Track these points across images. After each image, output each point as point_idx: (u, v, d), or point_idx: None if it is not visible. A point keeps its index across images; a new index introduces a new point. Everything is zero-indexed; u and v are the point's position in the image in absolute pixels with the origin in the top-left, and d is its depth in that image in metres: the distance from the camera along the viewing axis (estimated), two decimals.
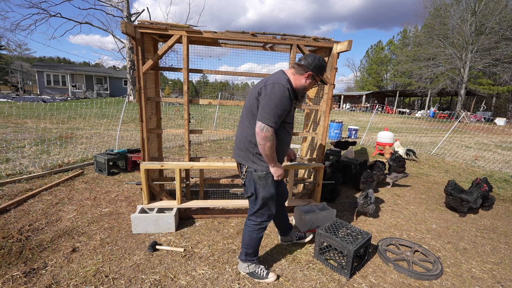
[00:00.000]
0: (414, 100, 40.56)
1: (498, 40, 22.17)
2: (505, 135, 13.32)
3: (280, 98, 1.63)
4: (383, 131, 7.03)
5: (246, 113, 1.81)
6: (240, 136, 1.87)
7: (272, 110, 1.62)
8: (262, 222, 1.98)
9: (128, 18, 19.44)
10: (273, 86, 1.64)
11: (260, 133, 1.63)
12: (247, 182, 1.88)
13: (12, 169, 4.08)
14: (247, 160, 1.83)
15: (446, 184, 3.62)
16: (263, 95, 1.65)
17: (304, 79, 1.79)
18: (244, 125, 1.83)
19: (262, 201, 1.88)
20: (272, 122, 1.62)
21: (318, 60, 1.76)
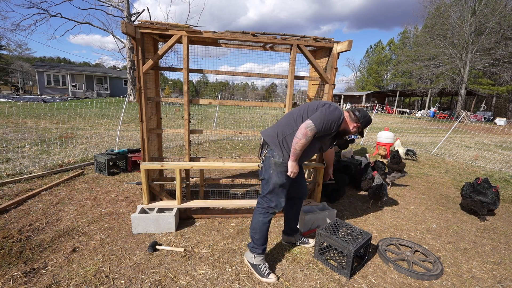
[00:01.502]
0: (414, 100, 40.55)
1: (498, 40, 22.17)
2: (505, 135, 13.31)
3: (334, 117, 1.87)
4: (383, 131, 7.02)
5: (298, 115, 2.00)
6: (283, 123, 2.02)
7: (324, 120, 1.83)
8: (268, 207, 2.06)
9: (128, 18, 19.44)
10: (336, 108, 1.91)
11: (304, 129, 1.81)
12: (264, 166, 2.05)
13: (12, 169, 4.08)
14: (274, 143, 1.98)
15: (463, 186, 3.58)
16: (324, 108, 1.90)
17: (351, 126, 2.06)
18: (291, 119, 2.00)
19: (272, 186, 2.00)
20: (318, 127, 1.81)
21: (368, 118, 2.06)
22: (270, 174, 1.99)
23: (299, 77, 2.91)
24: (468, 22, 23.41)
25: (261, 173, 2.08)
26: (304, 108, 2.02)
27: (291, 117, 2.02)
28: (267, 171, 2.01)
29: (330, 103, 1.96)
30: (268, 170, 2.00)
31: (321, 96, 3.03)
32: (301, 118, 1.96)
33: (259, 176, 2.12)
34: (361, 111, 2.05)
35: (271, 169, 1.98)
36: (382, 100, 38.49)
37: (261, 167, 2.08)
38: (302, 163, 2.20)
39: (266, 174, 2.02)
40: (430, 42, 26.26)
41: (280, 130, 2.00)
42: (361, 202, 3.72)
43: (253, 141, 7.88)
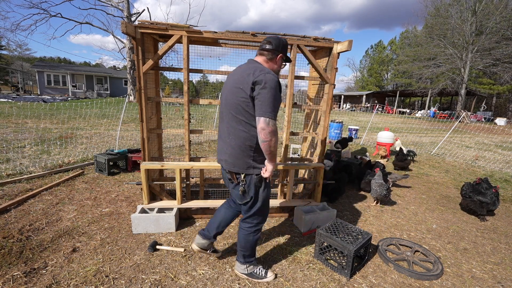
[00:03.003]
0: (414, 100, 40.54)
1: (498, 40, 22.17)
2: (506, 135, 13.31)
3: (275, 88, 1.58)
4: (383, 131, 7.02)
5: (235, 116, 1.67)
6: (234, 143, 1.71)
7: (272, 103, 1.55)
8: (258, 223, 1.95)
9: (128, 18, 19.44)
10: (265, 76, 1.55)
11: (266, 128, 1.54)
12: (247, 188, 1.78)
13: (13, 169, 4.08)
14: (246, 167, 1.72)
15: (462, 186, 3.58)
16: (259, 90, 1.55)
17: (277, 64, 1.80)
18: (236, 130, 1.68)
19: (262, 203, 1.85)
20: (274, 115, 1.57)
21: (282, 40, 1.77)
22: (258, 193, 1.81)
23: (299, 77, 2.91)
24: (468, 22, 23.41)
25: (244, 196, 1.81)
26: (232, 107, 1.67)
27: (236, 129, 1.69)
28: (251, 191, 1.79)
29: (255, 78, 1.56)
30: (253, 188, 1.78)
31: (321, 96, 3.03)
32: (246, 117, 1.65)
33: (241, 200, 1.84)
34: (271, 40, 1.73)
35: (257, 187, 1.79)
36: (382, 100, 38.49)
37: (243, 190, 1.77)
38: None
39: (252, 194, 1.80)
40: (430, 42, 26.26)
41: (240, 153, 1.70)
42: (361, 202, 3.72)
43: None
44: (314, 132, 3.15)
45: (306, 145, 3.57)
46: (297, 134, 3.13)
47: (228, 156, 1.76)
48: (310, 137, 3.44)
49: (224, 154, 1.80)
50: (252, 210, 1.87)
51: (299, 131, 3.37)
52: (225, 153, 1.78)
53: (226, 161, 1.78)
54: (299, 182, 3.36)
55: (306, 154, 3.53)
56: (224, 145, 1.80)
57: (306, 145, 3.57)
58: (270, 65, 1.77)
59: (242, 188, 1.76)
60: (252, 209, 1.86)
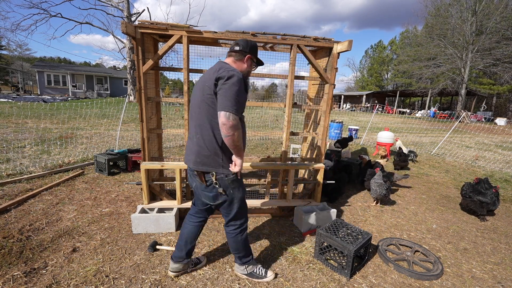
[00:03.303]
0: (414, 100, 40.54)
1: (498, 39, 22.16)
2: (506, 135, 13.30)
3: (238, 84, 1.56)
4: (383, 131, 7.02)
5: (203, 114, 1.66)
6: (203, 141, 1.68)
7: (233, 97, 1.53)
8: (242, 224, 1.92)
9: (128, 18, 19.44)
10: (228, 72, 1.56)
11: (227, 123, 1.50)
12: (217, 189, 1.74)
13: (13, 169, 4.08)
14: (216, 166, 1.69)
15: (462, 186, 3.58)
16: (221, 85, 1.55)
17: (245, 64, 1.80)
18: (204, 127, 1.67)
19: (239, 203, 1.83)
20: (235, 110, 1.52)
21: (250, 42, 1.80)
22: (232, 194, 1.77)
23: (299, 77, 2.91)
24: (468, 22, 23.41)
25: (216, 198, 1.78)
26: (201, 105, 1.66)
27: (205, 127, 1.67)
28: (224, 191, 1.75)
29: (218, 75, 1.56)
30: (227, 190, 1.75)
31: (321, 96, 3.03)
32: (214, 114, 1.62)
33: (213, 202, 1.80)
34: (239, 42, 1.77)
35: (231, 188, 1.75)
36: (382, 100, 38.48)
37: (217, 192, 1.75)
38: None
39: (226, 196, 1.77)
40: (431, 42, 26.27)
41: (209, 151, 1.68)
42: (361, 202, 3.72)
43: (253, 141, 7.88)
44: (314, 132, 3.15)
45: (306, 145, 3.57)
46: (297, 134, 3.13)
47: (195, 155, 1.72)
48: (310, 137, 3.44)
49: (191, 154, 1.75)
50: (232, 212, 1.85)
51: (299, 131, 3.37)
52: (193, 153, 1.74)
53: (194, 160, 1.72)
54: (299, 182, 3.36)
55: (306, 154, 3.53)
56: (192, 144, 1.76)
57: (306, 145, 3.57)
58: (238, 65, 1.78)
59: (220, 190, 1.73)
60: (231, 212, 1.84)
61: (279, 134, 3.04)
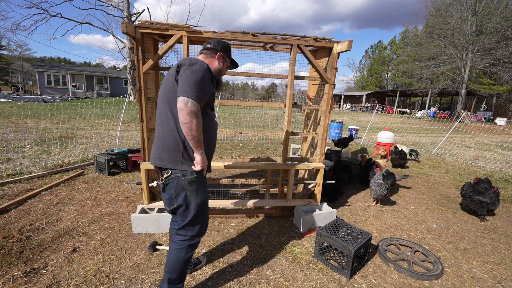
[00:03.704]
0: (414, 100, 40.54)
1: (498, 39, 22.17)
2: (506, 135, 13.30)
3: (202, 72, 1.45)
4: (383, 131, 7.03)
5: (166, 104, 1.54)
6: (163, 133, 1.55)
7: (194, 83, 1.40)
8: (193, 237, 1.67)
9: (128, 18, 19.44)
10: (191, 61, 1.47)
11: (184, 108, 1.37)
12: (172, 191, 1.56)
13: (13, 169, 4.08)
14: (174, 161, 1.53)
15: (463, 186, 3.58)
16: (182, 72, 1.44)
17: (217, 61, 1.73)
18: (166, 119, 1.54)
19: (195, 210, 1.61)
20: (195, 96, 1.38)
21: (223, 42, 1.76)
22: (188, 198, 1.57)
23: (299, 77, 2.91)
24: (468, 22, 23.42)
25: (171, 202, 1.59)
26: (165, 94, 1.56)
27: (166, 118, 1.55)
28: (180, 195, 1.57)
29: (188, 63, 1.47)
30: (182, 193, 1.56)
31: (321, 96, 3.03)
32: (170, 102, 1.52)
33: (168, 206, 1.63)
34: (210, 41, 1.74)
35: (188, 191, 1.56)
36: (382, 100, 38.48)
37: (172, 194, 1.57)
38: (213, 149, 1.78)
39: (181, 200, 1.57)
40: (431, 42, 26.28)
41: (168, 144, 1.53)
42: (361, 202, 3.72)
43: (253, 141, 7.88)
44: (314, 132, 3.15)
45: (306, 145, 3.57)
46: (297, 134, 3.13)
47: (155, 148, 1.59)
48: (310, 137, 3.44)
49: (153, 148, 1.62)
50: (186, 219, 1.62)
51: (299, 131, 3.37)
52: (154, 147, 1.61)
53: (153, 155, 1.59)
54: (299, 182, 3.36)
55: (306, 154, 3.53)
56: (156, 138, 1.62)
57: (306, 145, 3.57)
58: (209, 61, 1.70)
59: (162, 185, 1.57)
60: (186, 218, 1.62)
61: (279, 134, 3.04)
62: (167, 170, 1.55)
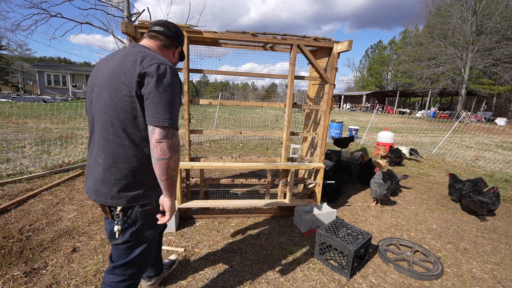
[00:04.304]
0: (415, 100, 40.55)
1: (499, 40, 22.18)
2: (506, 135, 13.30)
3: (174, 84, 1.13)
4: (383, 131, 7.03)
5: (113, 124, 1.13)
6: (111, 164, 1.16)
7: (171, 104, 1.10)
8: (133, 275, 1.36)
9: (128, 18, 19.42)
10: (158, 69, 1.09)
11: (165, 141, 1.07)
12: (126, 224, 1.24)
13: (13, 169, 4.08)
14: (130, 198, 1.20)
15: (463, 186, 3.58)
16: (151, 87, 1.07)
17: (173, 56, 1.40)
18: (116, 144, 1.15)
19: (145, 245, 1.34)
20: (174, 122, 1.11)
21: (181, 30, 1.40)
22: (141, 231, 1.28)
23: (299, 77, 2.91)
24: (469, 22, 23.43)
25: (119, 236, 1.24)
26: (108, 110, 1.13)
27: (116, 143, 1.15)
28: (132, 228, 1.25)
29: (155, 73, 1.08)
30: (137, 226, 1.26)
31: (321, 96, 3.03)
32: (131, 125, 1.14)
33: (111, 239, 1.28)
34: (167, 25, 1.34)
35: (143, 223, 1.27)
36: (383, 100, 38.48)
37: (119, 229, 1.22)
38: None
39: (131, 234, 1.25)
40: (431, 42, 26.29)
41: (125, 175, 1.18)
42: (361, 202, 3.72)
43: (253, 141, 7.88)
44: (314, 132, 3.15)
45: (306, 145, 3.57)
46: (297, 134, 3.13)
47: (101, 183, 1.18)
48: (310, 137, 3.44)
49: (94, 180, 1.21)
50: (129, 256, 1.31)
51: (299, 131, 3.37)
52: (97, 179, 1.19)
53: (98, 190, 1.20)
54: (299, 182, 3.36)
55: (306, 154, 3.53)
56: (95, 167, 1.20)
57: (306, 145, 3.57)
58: (164, 55, 1.34)
59: (119, 227, 1.21)
60: (129, 255, 1.31)
61: (279, 134, 3.04)
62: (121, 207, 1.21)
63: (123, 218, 1.22)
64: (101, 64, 1.22)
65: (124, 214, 1.22)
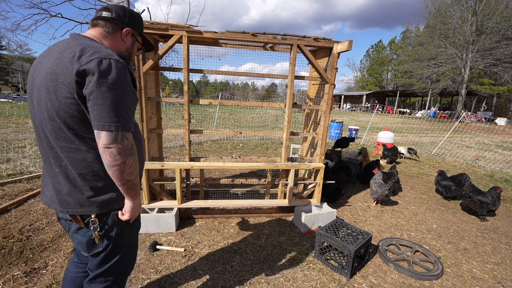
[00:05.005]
0: (415, 100, 40.55)
1: (499, 39, 22.17)
2: (506, 135, 13.29)
3: (122, 81, 0.99)
4: (383, 131, 7.03)
5: (61, 129, 1.01)
6: (70, 172, 1.07)
7: (119, 104, 0.97)
8: (117, 279, 1.28)
9: None
10: (100, 64, 0.94)
11: (113, 147, 0.96)
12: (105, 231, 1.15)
13: (13, 169, 4.09)
14: (99, 204, 1.10)
15: (463, 186, 3.58)
16: (92, 86, 0.93)
17: (123, 40, 1.21)
18: (70, 150, 1.04)
19: (125, 251, 1.25)
20: (125, 124, 0.99)
21: (130, 10, 1.21)
22: (119, 237, 1.19)
23: (299, 77, 2.91)
24: (469, 22, 23.41)
25: (92, 245, 1.15)
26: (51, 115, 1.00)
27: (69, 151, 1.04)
28: (110, 234, 1.16)
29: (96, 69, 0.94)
30: (111, 231, 1.16)
31: (321, 96, 3.03)
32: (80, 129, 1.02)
33: (87, 250, 1.16)
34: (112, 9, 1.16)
35: (121, 228, 1.19)
36: (383, 100, 38.48)
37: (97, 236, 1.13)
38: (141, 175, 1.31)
39: (110, 241, 1.17)
40: (431, 42, 26.28)
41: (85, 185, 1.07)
42: (361, 202, 3.72)
43: (253, 141, 7.88)
44: (314, 132, 3.15)
45: (306, 145, 3.57)
46: (297, 134, 3.13)
47: (66, 192, 1.08)
48: (310, 137, 3.44)
49: (55, 190, 1.11)
50: (107, 264, 1.21)
51: (299, 131, 3.37)
52: (59, 189, 1.10)
53: (64, 201, 1.09)
54: (299, 182, 3.36)
55: (306, 154, 3.53)
56: (54, 176, 1.10)
57: (306, 145, 3.57)
58: (111, 42, 1.17)
59: (97, 233, 1.12)
60: (107, 263, 1.21)
61: (279, 134, 3.04)
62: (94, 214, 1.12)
63: (99, 224, 1.12)
64: (38, 62, 1.06)
65: (100, 220, 1.12)
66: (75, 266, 1.41)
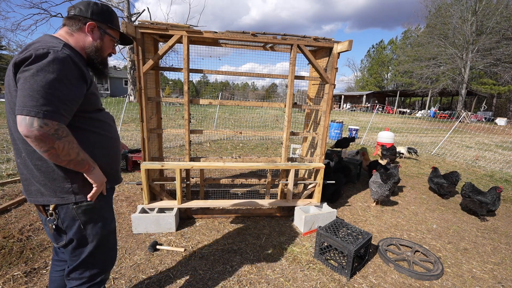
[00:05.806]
0: (415, 100, 40.55)
1: (499, 39, 22.18)
2: (506, 135, 13.29)
3: (53, 69, 0.96)
4: (383, 131, 7.03)
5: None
6: (31, 160, 1.10)
7: (41, 90, 0.93)
8: (92, 277, 1.28)
9: (128, 18, 19.45)
10: (36, 51, 0.96)
11: (29, 133, 0.93)
12: (61, 224, 1.17)
13: (13, 169, 4.09)
14: (61, 192, 1.13)
15: (463, 186, 3.59)
16: (21, 72, 0.95)
17: (89, 35, 1.20)
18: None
19: (95, 244, 1.24)
20: (45, 110, 0.94)
21: (95, 4, 1.20)
22: (83, 230, 1.20)
23: (299, 77, 2.92)
24: (469, 22, 23.42)
25: (58, 237, 1.20)
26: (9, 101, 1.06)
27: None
28: (73, 228, 1.18)
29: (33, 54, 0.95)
30: (76, 225, 1.18)
31: (321, 96, 3.03)
32: None
33: (55, 241, 1.22)
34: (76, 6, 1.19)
35: (83, 221, 1.19)
36: (383, 100, 38.47)
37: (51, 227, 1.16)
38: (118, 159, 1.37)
39: (73, 234, 1.18)
40: (431, 42, 26.29)
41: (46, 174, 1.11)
42: (361, 202, 3.72)
43: (253, 141, 7.88)
44: (314, 132, 3.15)
45: (306, 145, 3.57)
46: (297, 134, 3.13)
47: (28, 181, 1.14)
48: (310, 137, 3.44)
49: (23, 179, 1.16)
50: (80, 257, 1.22)
51: (299, 131, 3.37)
52: (25, 178, 1.15)
53: (28, 190, 1.15)
54: (299, 182, 3.36)
55: (306, 154, 3.53)
56: (20, 167, 1.15)
57: (306, 145, 3.57)
58: (76, 39, 1.18)
59: (51, 225, 1.15)
60: (78, 257, 1.22)
61: (279, 134, 3.04)
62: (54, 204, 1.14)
63: (57, 216, 1.15)
64: None
65: (57, 212, 1.15)
66: (55, 265, 1.46)
